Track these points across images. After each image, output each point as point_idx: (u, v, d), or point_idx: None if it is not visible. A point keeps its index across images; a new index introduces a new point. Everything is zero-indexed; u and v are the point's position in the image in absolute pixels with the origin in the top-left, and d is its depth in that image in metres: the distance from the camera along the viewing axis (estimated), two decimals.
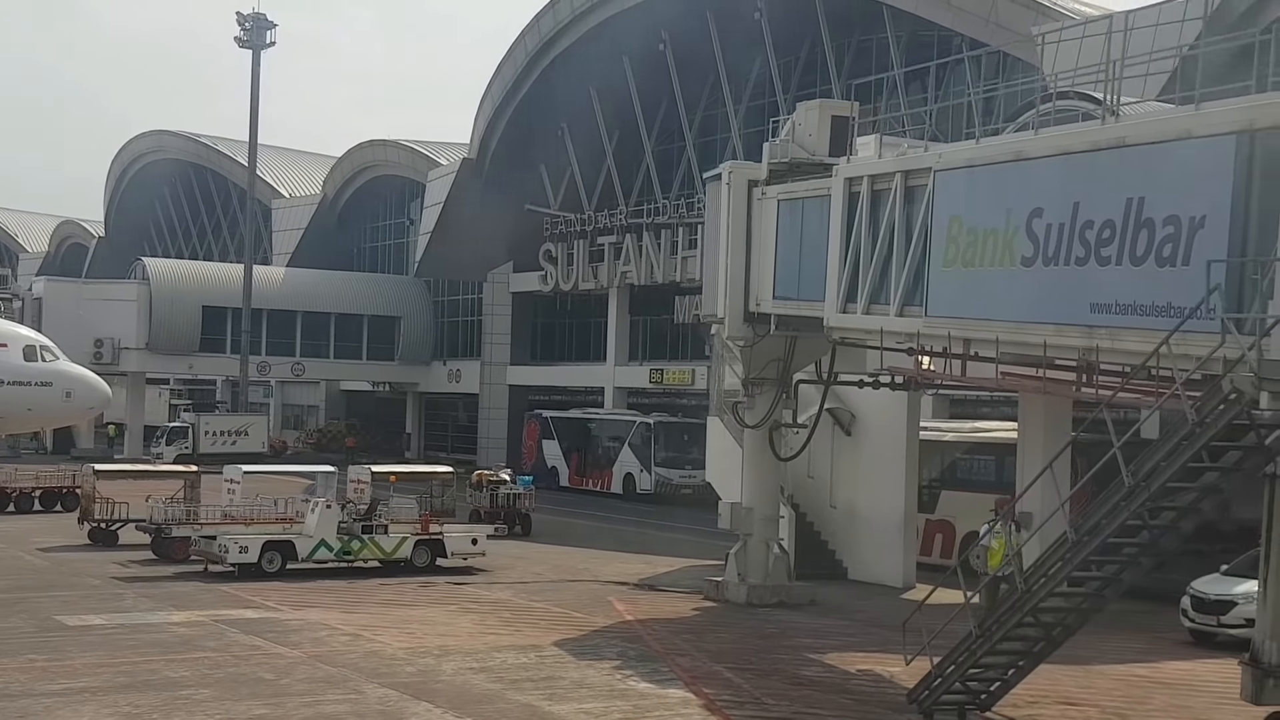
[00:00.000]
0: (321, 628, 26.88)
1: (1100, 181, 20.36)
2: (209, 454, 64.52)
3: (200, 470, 39.53)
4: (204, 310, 74.79)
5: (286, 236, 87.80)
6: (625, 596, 32.33)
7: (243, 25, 72.24)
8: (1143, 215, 19.44)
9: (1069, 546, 17.79)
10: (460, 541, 35.71)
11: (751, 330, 31.16)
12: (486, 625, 27.91)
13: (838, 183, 27.45)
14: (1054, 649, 19.63)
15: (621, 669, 23.97)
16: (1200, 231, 18.47)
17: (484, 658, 24.47)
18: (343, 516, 34.40)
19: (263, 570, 33.12)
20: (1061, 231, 20.93)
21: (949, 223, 23.74)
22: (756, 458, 32.30)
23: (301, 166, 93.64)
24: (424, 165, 77.89)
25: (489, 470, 47.10)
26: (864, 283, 26.27)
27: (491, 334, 75.49)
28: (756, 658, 25.53)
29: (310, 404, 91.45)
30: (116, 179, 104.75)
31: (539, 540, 42.97)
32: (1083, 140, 20.85)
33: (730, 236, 31.11)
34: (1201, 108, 18.86)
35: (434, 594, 31.76)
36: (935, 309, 24.06)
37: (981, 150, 23.37)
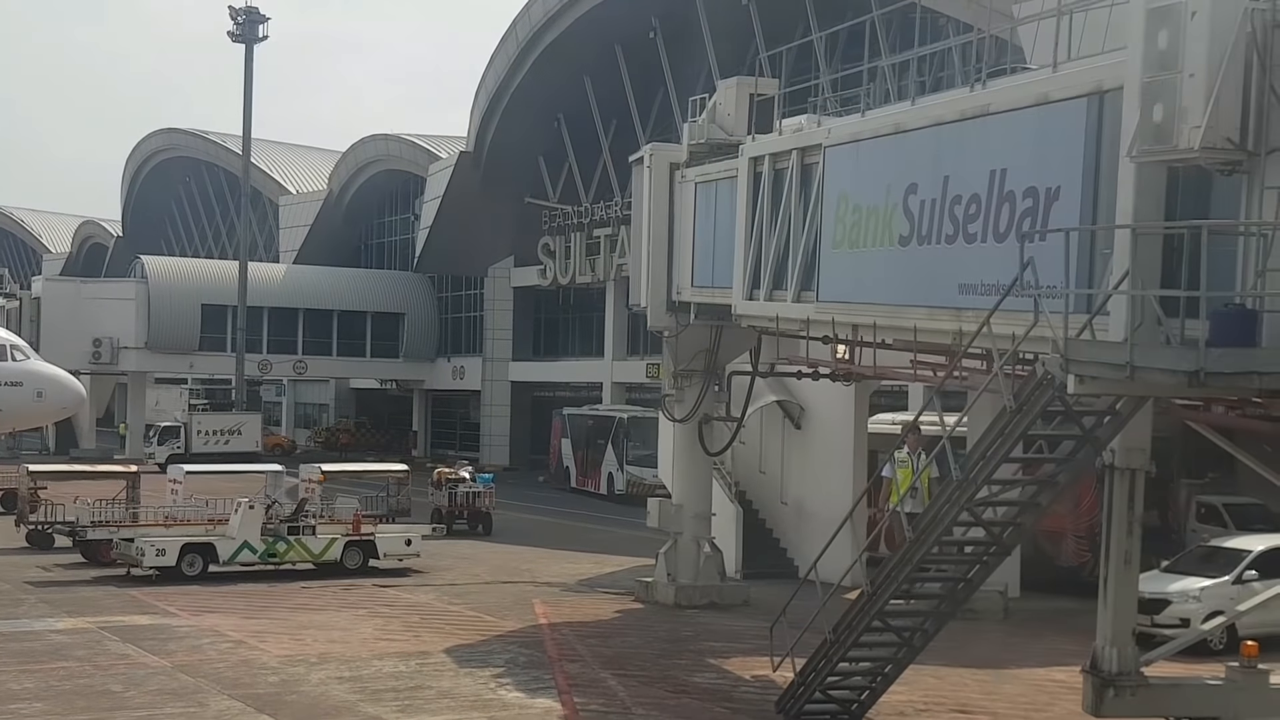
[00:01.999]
0: (208, 635, 25.85)
1: (967, 153, 19.01)
2: (202, 453, 63.80)
3: (140, 470, 38.55)
4: (203, 308, 74.04)
5: (294, 233, 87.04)
6: (552, 599, 31.13)
7: (235, 19, 71.46)
8: (1005, 188, 18.08)
9: (908, 545, 16.43)
10: (394, 543, 34.59)
11: (675, 320, 29.89)
12: (387, 630, 26.80)
13: (743, 163, 26.18)
14: (914, 654, 18.26)
15: (501, 677, 22.82)
16: (1056, 204, 17.09)
17: (361, 666, 23.39)
18: (267, 517, 33.30)
19: (183, 574, 32.10)
20: (934, 208, 19.58)
21: (838, 201, 22.42)
22: (686, 453, 31.01)
23: (311, 162, 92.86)
24: (426, 159, 76.90)
25: (448, 468, 45.95)
26: (766, 267, 24.98)
27: (493, 329, 74.35)
28: (653, 663, 24.30)
29: (320, 402, 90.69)
30: (131, 178, 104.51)
31: (498, 540, 41.84)
32: (952, 110, 19.45)
33: (651, 222, 29.86)
34: (1060, 69, 17.43)
35: (352, 597, 30.68)
36: (825, 293, 22.75)
37: (866, 124, 22.02)
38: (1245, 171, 13.87)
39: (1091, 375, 13.47)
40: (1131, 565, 15.58)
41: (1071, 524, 32.02)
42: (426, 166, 76.12)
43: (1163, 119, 14.15)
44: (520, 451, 73.28)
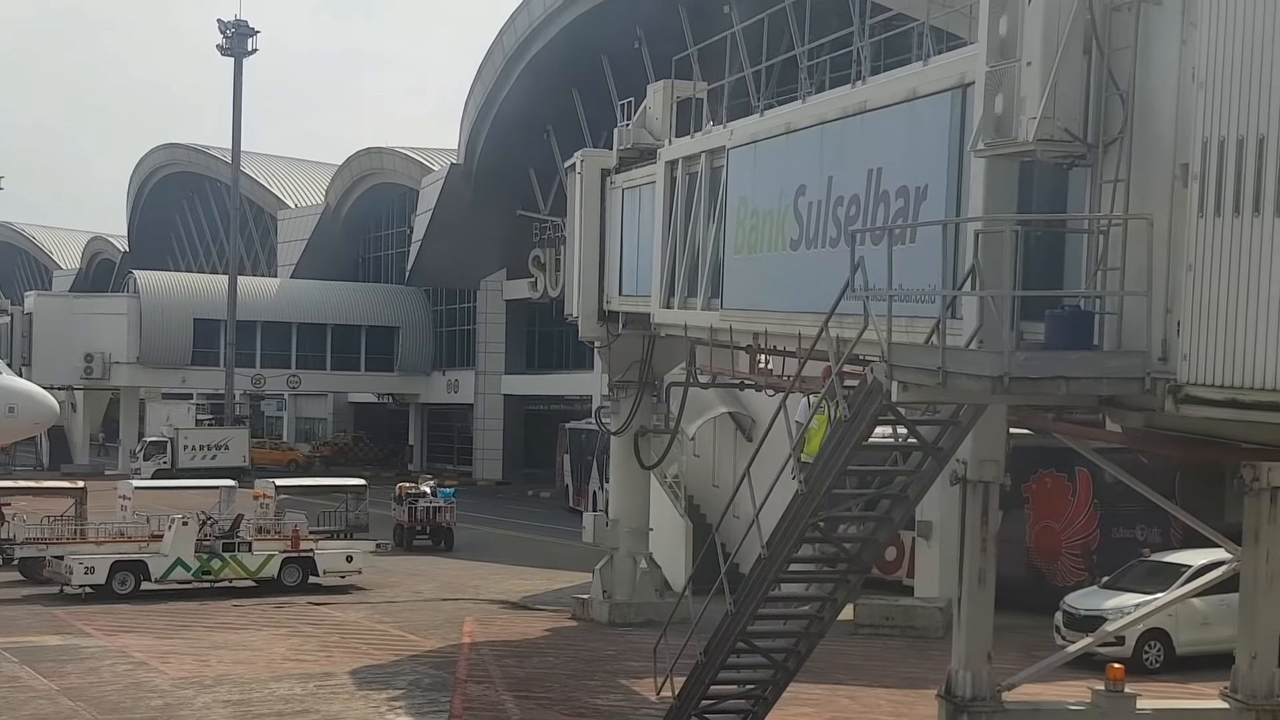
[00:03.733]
0: (113, 655, 25.21)
1: (848, 152, 18.17)
2: (189, 468, 63.33)
3: (86, 487, 37.93)
4: (195, 323, 73.47)
5: (292, 247, 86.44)
6: (486, 616, 30.38)
7: (224, 33, 71.07)
8: (881, 188, 17.22)
9: (762, 564, 15.58)
10: (334, 559, 33.86)
11: (606, 330, 29.10)
12: (300, 650, 26.08)
13: (660, 167, 25.42)
14: (789, 677, 17.37)
15: (396, 700, 22.11)
16: (924, 203, 16.24)
17: (254, 689, 22.69)
18: (202, 534, 32.62)
19: (114, 592, 31.47)
20: (820, 210, 18.74)
21: (739, 205, 21.61)
22: (622, 466, 30.25)
23: (310, 176, 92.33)
24: (419, 172, 76.20)
25: (410, 483, 45.23)
26: (680, 274, 24.19)
27: (486, 342, 73.57)
28: (562, 684, 23.52)
29: (320, 416, 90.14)
30: (136, 193, 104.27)
31: (457, 555, 41.07)
32: (835, 107, 18.59)
33: (583, 229, 29.13)
34: (930, 62, 16.61)
35: (280, 616, 29.97)
36: (729, 300, 21.93)
37: (763, 124, 21.19)
38: (1088, 165, 12.97)
39: (914, 381, 12.61)
40: (986, 584, 14.69)
41: (1065, 542, 31.03)
42: (420, 179, 75.50)
43: (1003, 110, 13.27)
44: (513, 465, 72.53)
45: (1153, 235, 11.49)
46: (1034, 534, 31.69)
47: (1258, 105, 10.58)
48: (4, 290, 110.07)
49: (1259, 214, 10.45)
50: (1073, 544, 31.01)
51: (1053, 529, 31.40)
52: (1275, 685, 14.99)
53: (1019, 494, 30.96)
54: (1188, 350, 10.91)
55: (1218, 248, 10.73)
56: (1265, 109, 10.52)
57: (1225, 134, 10.74)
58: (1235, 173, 10.61)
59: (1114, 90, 12.74)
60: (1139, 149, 12.38)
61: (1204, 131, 10.93)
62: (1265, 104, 10.53)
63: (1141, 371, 11.26)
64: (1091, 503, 30.87)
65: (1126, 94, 12.61)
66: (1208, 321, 10.75)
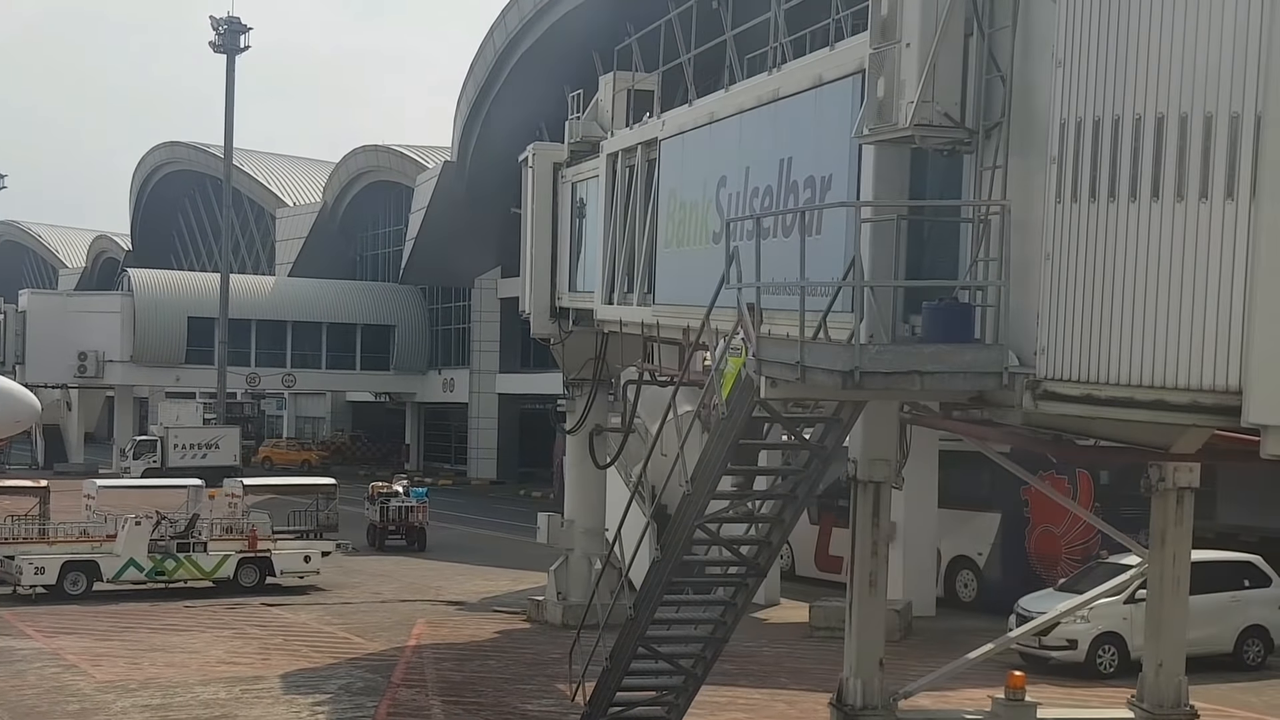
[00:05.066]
0: (44, 658, 24.75)
1: (763, 142, 17.65)
2: (179, 467, 62.92)
3: (48, 486, 37.50)
4: (189, 321, 73.15)
5: (290, 245, 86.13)
6: (439, 618, 29.86)
7: (217, 29, 70.65)
8: (790, 178, 16.70)
9: (655, 567, 15.04)
10: (291, 559, 33.36)
11: (558, 327, 28.56)
12: (238, 653, 25.60)
13: (602, 160, 24.91)
14: (698, 684, 16.83)
15: (320, 705, 21.63)
16: (828, 193, 15.69)
17: (178, 693, 22.22)
18: (156, 534, 32.17)
19: (66, 593, 31.03)
20: (739, 202, 18.20)
21: (669, 198, 21.09)
22: (577, 465, 29.70)
23: (310, 174, 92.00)
24: (415, 170, 75.76)
25: (382, 483, 44.73)
26: (619, 269, 23.67)
27: (480, 341, 73.08)
28: (496, 688, 23.01)
29: (319, 415, 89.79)
30: (138, 192, 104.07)
31: (428, 555, 40.58)
32: (752, 96, 18.05)
33: (534, 224, 28.61)
34: (836, 48, 16.05)
35: (228, 617, 29.49)
36: (660, 295, 21.41)
37: (691, 114, 20.68)
38: (970, 151, 12.40)
39: (780, 377, 12.05)
40: (877, 588, 14.12)
41: (1065, 547, 30.25)
42: (415, 177, 75.04)
43: (884, 94, 12.73)
44: (508, 464, 72.02)
45: (1009, 223, 10.90)
46: (1033, 539, 30.84)
47: (1115, 85, 10.02)
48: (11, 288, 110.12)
49: (1114, 200, 9.90)
50: (1073, 549, 30.12)
51: (1053, 533, 30.53)
52: (1182, 694, 14.39)
53: (1019, 497, 30.32)
54: (1046, 344, 10.36)
55: (1075, 236, 10.18)
56: (1122, 88, 9.96)
57: (1083, 115, 10.18)
58: (1092, 156, 10.06)
59: (995, 73, 12.17)
60: (1017, 134, 11.82)
61: (1062, 113, 10.37)
62: (1122, 83, 9.97)
63: (999, 366, 10.68)
64: (1093, 505, 29.82)
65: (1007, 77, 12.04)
66: (1065, 314, 10.22)
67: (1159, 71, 9.63)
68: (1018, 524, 30.75)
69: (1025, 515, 30.60)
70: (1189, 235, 9.51)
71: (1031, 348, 11.09)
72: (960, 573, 31.85)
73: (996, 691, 15.46)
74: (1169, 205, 9.55)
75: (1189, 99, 9.53)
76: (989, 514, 31.24)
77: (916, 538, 30.52)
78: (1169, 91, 9.62)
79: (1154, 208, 9.59)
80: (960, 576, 31.89)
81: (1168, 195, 9.56)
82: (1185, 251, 9.53)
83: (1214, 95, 9.47)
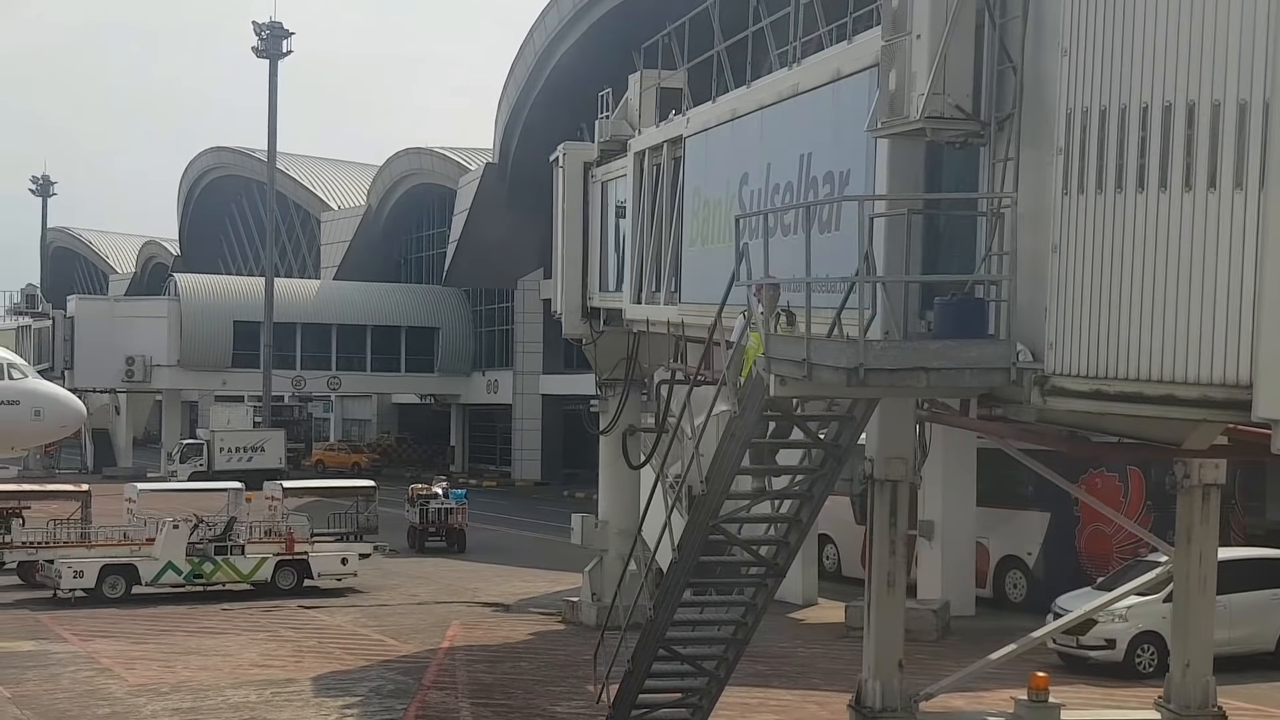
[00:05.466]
0: (79, 662, 24.85)
1: (783, 138, 17.48)
2: (224, 470, 63.16)
3: (90, 490, 37.72)
4: (235, 325, 73.56)
5: (335, 249, 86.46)
6: (474, 620, 29.82)
7: (259, 34, 70.91)
8: (810, 174, 16.53)
9: (672, 568, 14.89)
10: (328, 562, 33.41)
11: (589, 327, 28.46)
12: (272, 656, 25.62)
13: (630, 159, 24.78)
14: (721, 686, 16.66)
15: (349, 709, 21.62)
16: (847, 188, 15.49)
17: (209, 696, 22.24)
18: (193, 537, 32.27)
19: (105, 596, 31.17)
20: (760, 199, 18.04)
21: (693, 195, 20.95)
22: (610, 466, 29.59)
23: (354, 177, 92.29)
24: (457, 172, 75.87)
25: (421, 485, 44.75)
26: (646, 268, 23.54)
27: (523, 342, 73.11)
28: (526, 690, 22.94)
29: (365, 418, 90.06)
30: (185, 197, 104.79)
31: (467, 557, 40.56)
32: (772, 91, 17.89)
33: (565, 224, 28.52)
34: (854, 41, 15.85)
35: (265, 620, 29.53)
36: (686, 294, 21.27)
37: (714, 111, 20.51)
38: (983, 144, 12.19)
39: (788, 375, 11.87)
40: (895, 588, 13.92)
41: (1116, 546, 29.75)
42: (457, 179, 75.13)
43: (896, 87, 12.55)
44: (552, 465, 71.95)
45: (1017, 216, 10.69)
46: (1084, 537, 30.33)
47: (1121, 73, 9.80)
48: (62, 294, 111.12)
49: (1121, 190, 9.68)
50: (1124, 548, 29.54)
51: (1104, 532, 29.96)
52: (1210, 695, 14.12)
53: (1068, 495, 29.68)
54: (1054, 338, 10.14)
55: (1082, 227, 9.96)
56: (1128, 77, 9.74)
57: (1089, 104, 9.96)
58: (1099, 146, 9.84)
59: (1007, 63, 11.96)
60: (1029, 126, 11.61)
61: (1068, 103, 10.16)
62: (1128, 72, 9.75)
63: (1006, 362, 10.47)
64: (1144, 504, 29.25)
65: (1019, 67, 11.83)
66: (1074, 308, 10.00)
67: (1165, 59, 9.41)
68: (1068, 523, 30.15)
69: (1075, 514, 30.07)
70: (1197, 226, 9.29)
71: (1043, 343, 10.89)
72: (1009, 573, 31.34)
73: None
74: (1176, 196, 9.33)
75: (1196, 87, 9.31)
76: (1038, 513, 30.70)
77: (954, 536, 30.21)
78: (1176, 80, 9.39)
79: (1161, 198, 9.37)
80: (1009, 576, 31.41)
81: (1175, 185, 9.34)
82: (1193, 243, 9.31)
83: (1221, 83, 9.24)
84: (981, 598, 30.92)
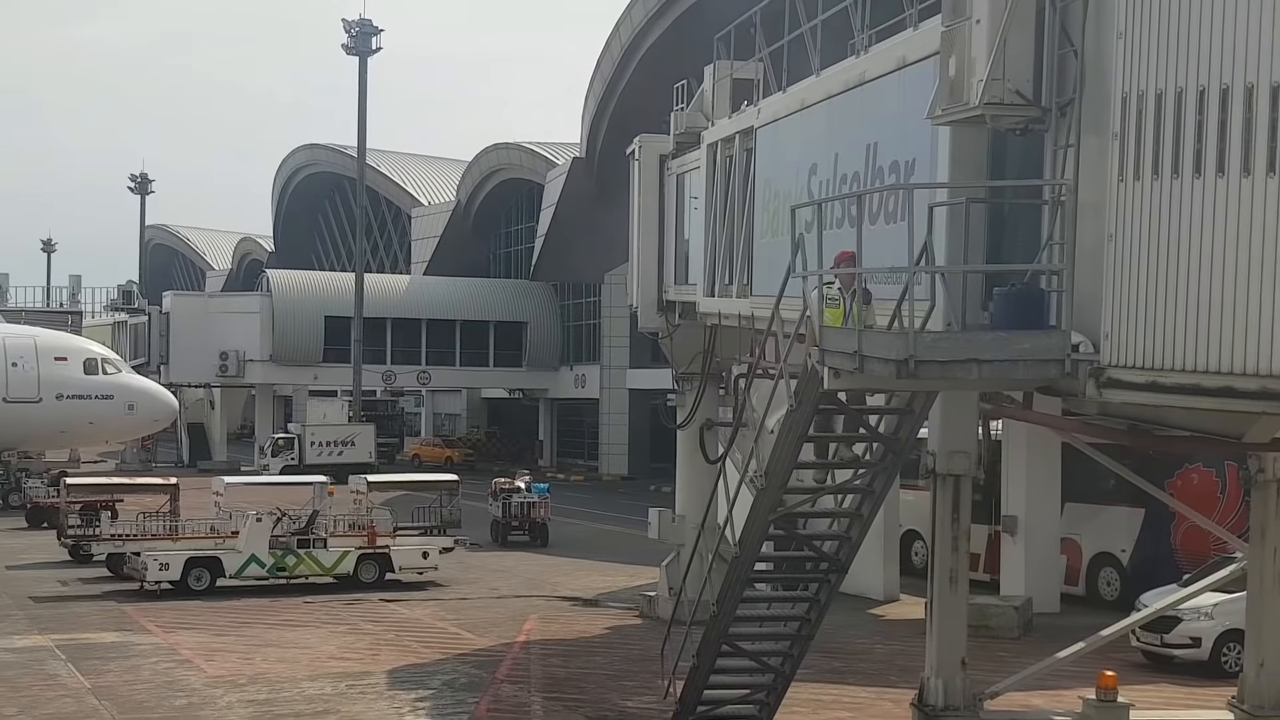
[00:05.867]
0: (160, 653, 25.11)
1: (850, 127, 17.28)
2: (316, 464, 63.78)
3: (178, 483, 38.18)
4: (326, 320, 74.28)
5: (425, 244, 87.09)
6: (552, 614, 29.82)
7: (349, 32, 71.50)
8: (876, 163, 16.31)
9: (734, 563, 14.74)
10: (410, 555, 33.56)
11: (665, 321, 28.35)
12: (350, 649, 25.74)
13: (704, 151, 24.63)
14: (786, 682, 16.48)
15: (421, 701, 21.65)
16: (912, 178, 15.23)
17: (285, 688, 22.38)
18: (277, 530, 32.54)
19: (189, 588, 31.51)
20: (829, 189, 17.84)
21: (764, 187, 20.77)
22: (688, 461, 29.49)
23: (444, 173, 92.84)
24: (544, 167, 76.08)
25: (505, 479, 44.85)
26: (719, 261, 23.38)
27: (610, 337, 73.13)
28: (599, 685, 22.86)
29: (455, 412, 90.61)
30: (279, 194, 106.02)
31: (550, 551, 40.60)
32: (840, 80, 17.67)
33: (641, 217, 28.43)
34: (919, 28, 15.58)
35: (345, 613, 29.69)
36: (758, 286, 21.07)
37: (784, 101, 20.30)
38: (1045, 130, 11.92)
39: (842, 368, 11.68)
40: (958, 585, 13.66)
41: (1213, 542, 29.03)
42: (545, 174, 75.33)
43: (955, 73, 12.31)
44: (639, 460, 71.93)
45: (1075, 203, 10.42)
46: (1180, 534, 29.66)
47: (1177, 56, 9.51)
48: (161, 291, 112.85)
49: (1178, 176, 9.40)
50: (1221, 545, 28.84)
51: (1200, 528, 29.20)
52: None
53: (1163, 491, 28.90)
54: (1109, 328, 9.87)
55: (1138, 214, 9.69)
56: (1185, 60, 9.45)
57: (1145, 88, 9.68)
58: (1155, 131, 9.56)
59: (1068, 47, 11.68)
60: (1089, 111, 11.32)
61: (1124, 87, 9.88)
62: (1185, 54, 9.46)
63: (1061, 353, 10.21)
64: (1243, 500, 28.43)
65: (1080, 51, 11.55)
66: (1129, 297, 9.72)
67: (1223, 41, 9.11)
68: (1163, 518, 29.39)
69: (1170, 509, 29.39)
70: (1255, 212, 8.98)
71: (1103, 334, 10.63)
72: (1103, 570, 30.72)
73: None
74: (1234, 181, 9.04)
75: (1254, 70, 9.00)
76: (1132, 509, 30.03)
77: (1038, 531, 29.80)
78: (1233, 62, 9.10)
79: (1219, 183, 9.08)
80: (1103, 574, 30.78)
81: (1233, 170, 9.04)
82: (1252, 229, 9.01)
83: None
84: (1074, 595, 30.42)
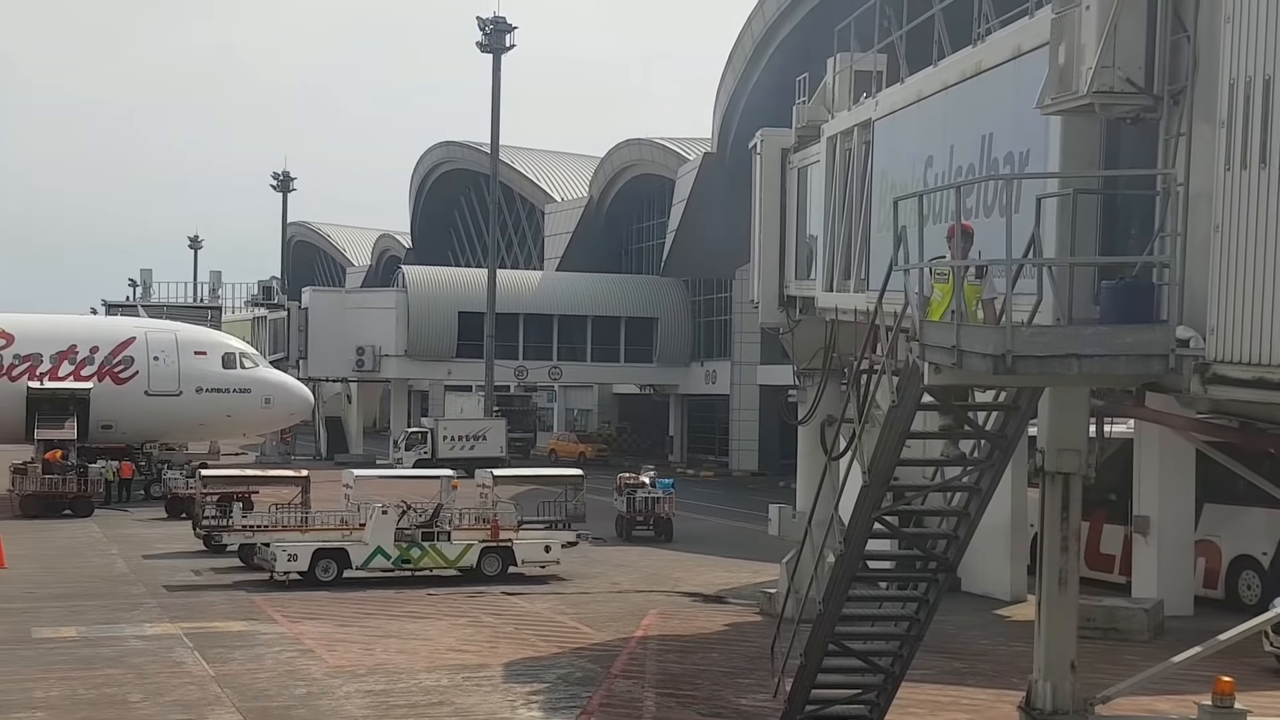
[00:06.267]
0: (283, 643, 25.48)
1: (965, 118, 16.97)
2: (448, 459, 64.38)
3: (309, 475, 38.73)
4: (460, 316, 75.00)
5: (558, 240, 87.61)
6: (671, 609, 29.76)
7: (483, 29, 72.02)
8: (991, 154, 15.98)
9: (840, 561, 14.52)
10: (533, 549, 33.72)
11: (786, 316, 28.12)
12: (469, 641, 25.92)
13: (823, 144, 24.37)
14: (897, 683, 16.22)
15: (535, 695, 21.69)
16: (1027, 170, 14.88)
17: (402, 679, 22.57)
18: (401, 523, 32.89)
19: (318, 579, 31.96)
20: (944, 182, 17.52)
21: (881, 179, 20.49)
22: (808, 457, 29.22)
23: (577, 169, 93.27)
24: (676, 162, 76.09)
25: (630, 474, 44.86)
26: (837, 255, 23.12)
27: (741, 332, 72.87)
28: (714, 681, 22.75)
29: (586, 408, 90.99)
30: (416, 191, 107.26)
31: (674, 546, 40.57)
32: (956, 70, 17.34)
33: (763, 212, 28.23)
34: (1035, 16, 15.22)
35: (466, 605, 29.91)
36: (875, 281, 20.73)
37: (901, 93, 20.00)
38: (1157, 119, 11.56)
39: (942, 363, 11.42)
40: (1067, 586, 13.31)
41: None
42: (676, 169, 75.32)
43: (1065, 61, 11.99)
44: (769, 457, 71.53)
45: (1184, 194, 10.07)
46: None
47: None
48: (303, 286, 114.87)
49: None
50: None
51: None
52: None
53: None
54: (1216, 323, 9.53)
55: (1245, 205, 9.34)
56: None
57: (1252, 74, 9.33)
58: (1262, 118, 9.21)
59: (1181, 33, 11.31)
60: (1201, 99, 10.95)
61: (1231, 73, 9.53)
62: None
63: (1165, 348, 9.88)
64: None
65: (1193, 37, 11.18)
66: (1236, 290, 9.37)
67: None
68: None
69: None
70: None
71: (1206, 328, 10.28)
72: (1243, 573, 29.85)
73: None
74: None
75: None
76: (1273, 510, 29.15)
77: (1171, 533, 29.07)
78: None
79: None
80: (1243, 577, 29.91)
81: None
82: None
83: None
84: (1213, 599, 29.60)
